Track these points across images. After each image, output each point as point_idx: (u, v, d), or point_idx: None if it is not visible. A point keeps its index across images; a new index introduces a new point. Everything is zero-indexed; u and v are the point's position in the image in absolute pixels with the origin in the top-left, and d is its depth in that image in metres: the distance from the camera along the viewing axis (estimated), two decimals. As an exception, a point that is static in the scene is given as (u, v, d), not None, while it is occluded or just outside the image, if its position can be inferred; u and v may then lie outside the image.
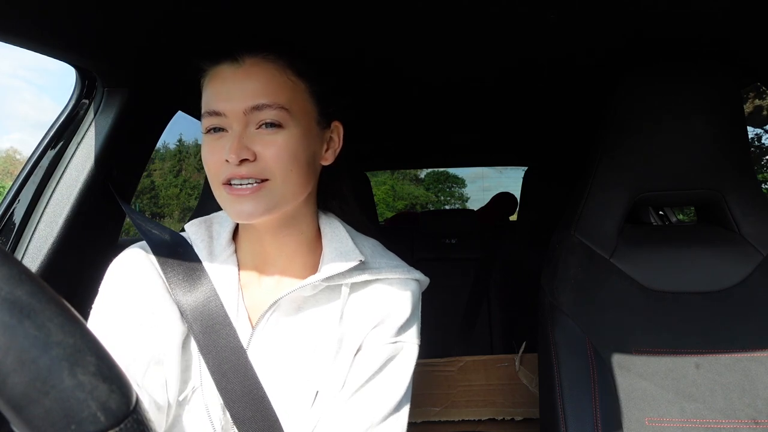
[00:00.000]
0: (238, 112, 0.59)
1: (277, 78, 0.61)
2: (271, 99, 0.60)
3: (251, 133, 0.60)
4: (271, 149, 0.59)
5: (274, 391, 0.62)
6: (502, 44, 0.95)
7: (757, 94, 6.59)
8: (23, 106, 37.36)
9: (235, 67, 0.61)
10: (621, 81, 0.91)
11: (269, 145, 0.60)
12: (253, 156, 0.59)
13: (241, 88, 0.60)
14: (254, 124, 0.60)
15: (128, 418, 0.25)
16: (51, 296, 0.25)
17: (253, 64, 0.61)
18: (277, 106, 0.60)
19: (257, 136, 0.60)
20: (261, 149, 0.59)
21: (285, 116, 0.60)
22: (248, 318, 0.65)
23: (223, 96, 0.60)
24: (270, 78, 0.61)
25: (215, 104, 0.61)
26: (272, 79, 0.61)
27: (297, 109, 0.62)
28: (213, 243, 0.69)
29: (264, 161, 0.59)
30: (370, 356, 0.64)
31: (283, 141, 0.60)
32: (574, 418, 0.83)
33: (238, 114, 0.59)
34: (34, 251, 0.83)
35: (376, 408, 0.62)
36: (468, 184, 16.73)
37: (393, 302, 0.66)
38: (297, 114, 0.62)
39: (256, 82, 0.60)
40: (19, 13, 0.63)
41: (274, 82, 0.61)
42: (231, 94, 0.60)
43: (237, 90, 0.60)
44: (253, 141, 0.59)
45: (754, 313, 0.87)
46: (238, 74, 0.61)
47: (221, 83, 0.61)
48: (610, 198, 0.94)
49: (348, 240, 0.68)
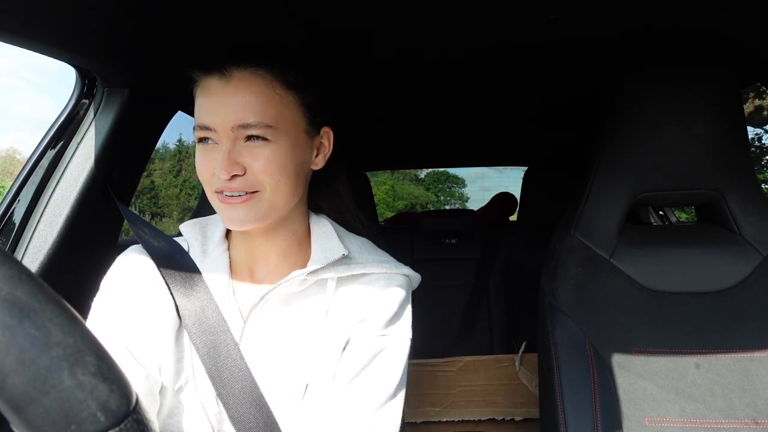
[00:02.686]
0: (226, 128, 0.60)
1: (264, 94, 0.62)
2: (257, 118, 0.60)
3: (240, 146, 0.61)
4: (260, 162, 0.61)
5: (266, 384, 0.63)
6: (504, 43, 0.95)
7: (757, 94, 6.59)
8: (22, 106, 37.34)
9: (223, 82, 0.61)
10: (621, 81, 0.91)
11: (257, 157, 0.61)
12: (242, 170, 0.61)
13: (227, 105, 0.61)
14: (242, 138, 0.61)
15: (128, 418, 0.25)
16: (51, 296, 0.25)
17: (240, 80, 0.61)
18: (263, 125, 0.60)
19: (246, 149, 0.61)
20: (250, 162, 0.61)
21: (271, 132, 0.61)
22: (239, 312, 0.67)
23: (212, 111, 0.61)
24: (257, 94, 0.61)
25: (204, 118, 0.62)
26: (259, 95, 0.61)
27: (284, 123, 0.63)
28: (207, 242, 0.72)
29: (253, 174, 0.61)
30: (358, 350, 0.65)
31: (271, 154, 0.61)
32: (574, 418, 0.83)
33: (226, 130, 0.61)
34: (34, 251, 0.83)
35: (366, 401, 0.62)
36: (468, 184, 16.72)
37: (379, 296, 0.67)
38: (284, 128, 0.63)
39: (242, 98, 0.61)
40: (19, 13, 0.63)
41: (261, 98, 0.61)
42: (218, 109, 0.61)
43: (224, 106, 0.61)
44: (242, 154, 0.61)
45: (754, 313, 0.87)
46: (226, 90, 0.61)
47: (209, 97, 0.62)
48: (610, 198, 0.94)
49: (334, 237, 0.70)
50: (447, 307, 1.97)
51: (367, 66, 1.07)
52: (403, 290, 0.69)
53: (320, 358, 0.65)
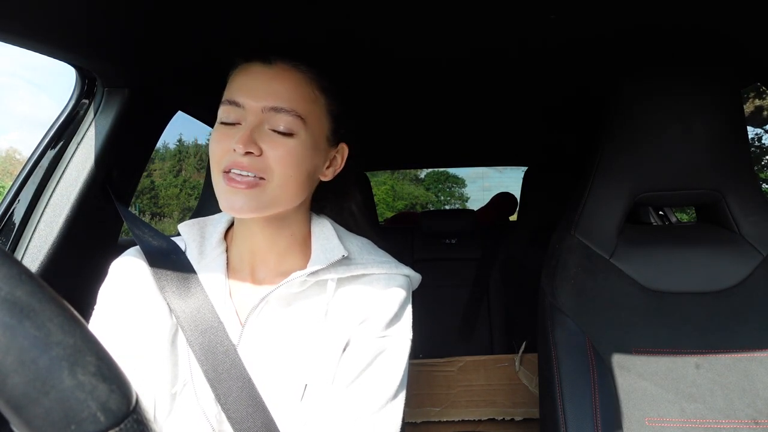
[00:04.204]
0: (257, 108, 0.62)
1: (302, 87, 0.64)
2: (292, 105, 0.62)
3: (263, 131, 0.62)
4: (278, 151, 0.62)
5: (265, 386, 0.63)
6: (504, 43, 0.95)
7: (757, 94, 6.59)
8: (22, 105, 37.33)
9: (266, 66, 0.64)
10: (621, 81, 0.91)
11: (277, 146, 0.62)
12: (259, 151, 0.61)
13: (266, 86, 0.62)
14: (268, 124, 0.62)
15: (128, 418, 0.25)
16: (51, 296, 0.25)
17: (283, 69, 0.64)
18: (295, 113, 0.62)
19: (268, 136, 0.62)
20: (268, 148, 0.61)
21: (299, 124, 0.63)
22: (236, 314, 0.66)
23: (248, 89, 0.63)
24: (296, 85, 0.64)
25: (237, 95, 0.63)
26: (298, 87, 0.64)
27: (312, 121, 0.65)
28: (204, 243, 0.71)
29: (267, 160, 0.61)
30: (359, 351, 0.65)
31: (292, 146, 0.62)
32: (574, 418, 0.83)
33: (257, 110, 0.62)
34: (34, 251, 0.83)
35: (367, 402, 0.62)
36: (468, 184, 16.75)
37: (379, 297, 0.67)
38: (311, 125, 0.64)
39: (282, 84, 0.63)
40: (19, 13, 0.63)
41: (299, 90, 0.64)
42: (256, 89, 0.62)
43: (262, 87, 0.62)
44: (263, 138, 0.61)
45: (754, 313, 0.87)
46: (267, 73, 0.63)
47: (249, 77, 0.64)
48: (610, 198, 0.94)
49: (334, 238, 0.70)
50: (447, 307, 1.97)
51: (366, 66, 1.07)
52: (404, 291, 0.69)
53: (320, 359, 0.64)
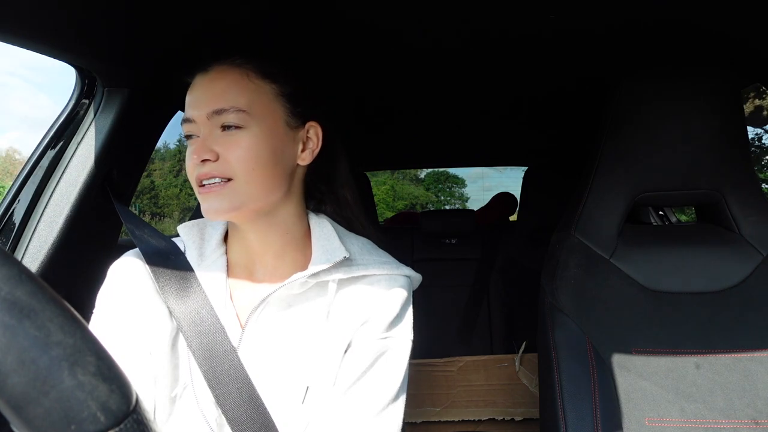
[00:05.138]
0: (203, 117, 0.63)
1: (238, 82, 0.64)
2: (230, 103, 0.63)
3: (216, 135, 0.63)
4: (232, 149, 0.63)
5: (266, 388, 0.63)
6: (503, 40, 0.95)
7: (757, 94, 6.58)
8: (21, 105, 37.32)
9: (204, 75, 0.66)
10: (621, 81, 0.91)
11: (230, 145, 0.63)
12: (215, 156, 0.62)
13: (205, 95, 0.64)
14: (218, 127, 0.63)
15: (128, 418, 0.25)
16: (51, 296, 0.25)
17: (218, 72, 0.65)
18: (236, 109, 0.63)
19: (221, 138, 0.63)
20: (222, 150, 0.63)
21: (245, 118, 0.63)
22: (237, 316, 0.66)
23: (192, 102, 0.65)
24: (231, 82, 0.64)
25: (187, 111, 0.66)
26: (233, 84, 0.64)
27: (258, 110, 0.64)
28: (204, 245, 0.71)
29: (226, 161, 0.62)
30: (360, 353, 0.65)
31: (243, 141, 0.63)
32: (574, 418, 0.83)
33: (203, 119, 0.63)
34: (34, 251, 0.83)
35: (368, 404, 0.62)
36: (468, 184, 16.74)
37: (381, 299, 0.67)
38: (258, 115, 0.64)
39: (218, 85, 0.64)
40: (19, 13, 0.63)
41: (235, 86, 0.64)
42: (198, 100, 0.65)
43: (203, 96, 0.64)
44: (217, 142, 0.63)
45: (754, 313, 0.87)
46: (204, 81, 0.65)
47: (193, 91, 0.66)
48: (610, 198, 0.94)
49: (334, 238, 0.69)
50: (447, 307, 1.97)
51: (366, 65, 1.07)
52: (405, 292, 0.69)
53: (321, 360, 0.64)
